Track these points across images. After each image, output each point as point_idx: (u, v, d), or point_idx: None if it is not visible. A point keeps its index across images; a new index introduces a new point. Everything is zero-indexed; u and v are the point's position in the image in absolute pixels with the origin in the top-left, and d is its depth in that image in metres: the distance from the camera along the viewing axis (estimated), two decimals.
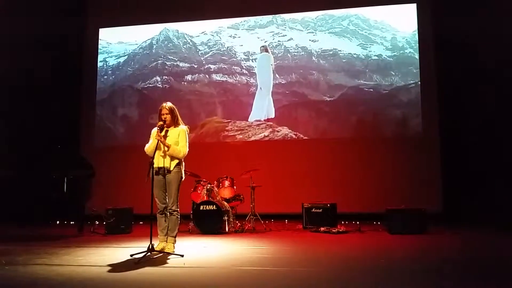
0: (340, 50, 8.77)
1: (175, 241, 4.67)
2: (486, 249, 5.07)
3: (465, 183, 7.69)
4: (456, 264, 4.13)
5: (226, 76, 9.12)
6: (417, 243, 5.34)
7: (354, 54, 8.70)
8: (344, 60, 8.72)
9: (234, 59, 9.15)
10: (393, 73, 8.51)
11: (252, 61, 9.07)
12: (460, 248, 5.18)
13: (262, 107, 8.93)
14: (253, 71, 9.04)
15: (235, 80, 9.08)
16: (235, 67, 9.12)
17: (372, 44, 8.66)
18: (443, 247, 5.24)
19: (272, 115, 8.87)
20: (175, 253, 4.52)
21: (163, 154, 4.59)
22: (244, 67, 9.09)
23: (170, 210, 4.62)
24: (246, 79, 9.05)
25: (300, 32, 8.96)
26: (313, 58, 8.84)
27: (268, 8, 9.15)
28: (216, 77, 9.16)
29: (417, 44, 8.46)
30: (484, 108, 7.69)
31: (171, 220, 4.64)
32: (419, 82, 8.37)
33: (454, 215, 7.62)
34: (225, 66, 9.15)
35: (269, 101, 8.92)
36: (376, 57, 8.62)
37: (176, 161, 4.64)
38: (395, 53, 8.57)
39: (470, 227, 6.83)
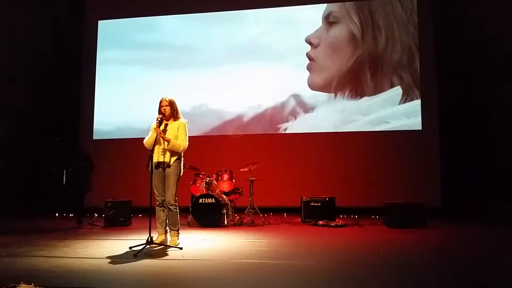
0: (340, 45, 8.71)
1: (178, 233, 4.69)
2: (484, 243, 5.09)
3: (464, 178, 7.71)
4: (454, 258, 4.15)
5: (226, 69, 9.08)
6: (416, 237, 5.36)
7: (354, 50, 8.64)
8: (344, 56, 8.66)
9: (235, 53, 9.10)
10: (394, 69, 8.46)
11: (251, 59, 9.04)
12: (458, 242, 5.20)
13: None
14: (252, 67, 9.00)
15: (234, 75, 9.04)
16: (237, 59, 9.08)
17: (373, 40, 8.59)
18: (441, 241, 5.26)
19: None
20: (173, 245, 4.53)
21: (163, 150, 4.59)
22: (245, 60, 9.06)
23: (168, 205, 4.61)
24: (244, 76, 9.02)
25: (298, 24, 8.90)
26: (312, 52, 8.78)
27: (269, 2, 9.10)
28: (216, 71, 9.11)
29: (418, 41, 8.41)
30: (484, 103, 7.70)
31: (171, 215, 4.64)
32: (419, 79, 8.34)
33: (453, 210, 7.64)
34: (226, 60, 9.11)
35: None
36: (377, 54, 8.54)
37: (176, 156, 4.65)
38: (395, 50, 8.50)
39: (469, 222, 6.84)
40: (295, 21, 8.97)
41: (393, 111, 8.38)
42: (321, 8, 8.83)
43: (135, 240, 4.75)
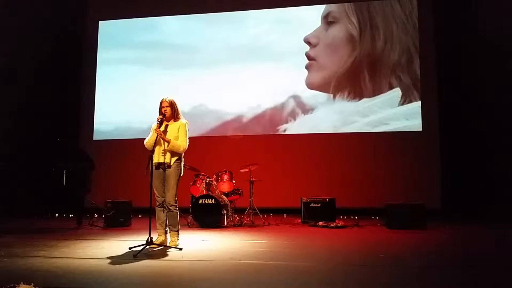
0: (338, 45, 8.70)
1: (178, 234, 4.70)
2: (484, 244, 5.09)
3: (464, 179, 7.70)
4: (454, 259, 4.15)
5: (226, 70, 9.07)
6: (415, 238, 5.36)
7: (352, 50, 8.63)
8: (342, 56, 8.65)
9: (235, 53, 9.10)
10: (393, 70, 8.45)
11: (251, 56, 9.04)
12: (458, 243, 5.19)
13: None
14: (250, 65, 9.00)
15: (233, 76, 9.03)
16: (237, 60, 9.08)
17: (371, 41, 8.58)
18: (441, 242, 5.25)
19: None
20: (173, 246, 4.53)
21: (163, 151, 4.59)
22: (244, 60, 9.05)
23: (168, 206, 4.61)
24: (243, 77, 9.01)
25: (298, 25, 8.89)
26: (311, 51, 8.77)
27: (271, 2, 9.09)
28: (216, 71, 9.11)
29: (418, 42, 8.41)
30: (484, 104, 7.70)
31: (171, 216, 4.64)
32: (419, 79, 8.33)
33: (453, 211, 7.64)
34: (226, 60, 9.11)
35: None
36: (369, 55, 8.52)
37: (176, 157, 4.65)
38: (394, 50, 8.49)
39: (468, 223, 6.84)
40: (294, 22, 8.97)
41: (392, 113, 8.37)
42: (321, 9, 8.83)
43: (135, 240, 4.75)
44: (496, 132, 7.51)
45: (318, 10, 8.84)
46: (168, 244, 4.59)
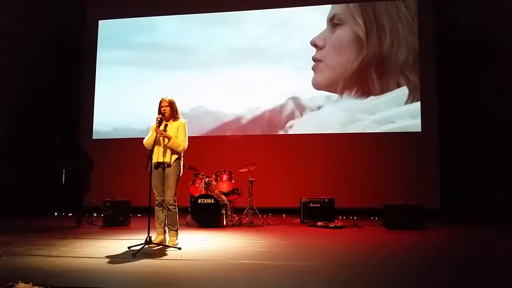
0: (345, 46, 8.67)
1: (177, 233, 4.70)
2: (483, 244, 5.09)
3: (463, 180, 7.70)
4: (453, 259, 4.15)
5: (226, 71, 9.07)
6: (414, 239, 5.36)
7: (360, 51, 8.60)
8: (349, 57, 8.63)
9: (235, 55, 9.09)
10: (400, 70, 8.43)
11: (250, 57, 9.04)
12: (457, 244, 5.20)
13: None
14: (250, 66, 9.00)
15: (233, 77, 9.01)
16: (237, 61, 9.07)
17: (378, 41, 8.56)
18: (440, 242, 5.26)
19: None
20: (172, 245, 4.53)
21: (163, 150, 4.59)
22: (244, 62, 9.05)
23: (167, 205, 4.61)
24: (243, 75, 9.01)
25: (298, 26, 8.89)
26: (317, 54, 8.74)
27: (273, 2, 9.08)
28: (215, 72, 9.10)
29: (418, 43, 8.40)
30: (483, 104, 7.70)
31: (170, 215, 4.64)
32: (419, 80, 8.33)
33: (452, 211, 7.64)
34: (226, 61, 9.10)
35: None
36: (377, 55, 8.53)
37: (176, 156, 4.65)
38: (401, 50, 8.47)
39: (467, 223, 6.84)
40: (295, 23, 8.95)
41: (399, 111, 8.32)
42: (320, 9, 8.82)
43: (134, 240, 4.75)
44: (496, 132, 7.52)
45: (319, 11, 8.82)
46: (167, 244, 4.59)
